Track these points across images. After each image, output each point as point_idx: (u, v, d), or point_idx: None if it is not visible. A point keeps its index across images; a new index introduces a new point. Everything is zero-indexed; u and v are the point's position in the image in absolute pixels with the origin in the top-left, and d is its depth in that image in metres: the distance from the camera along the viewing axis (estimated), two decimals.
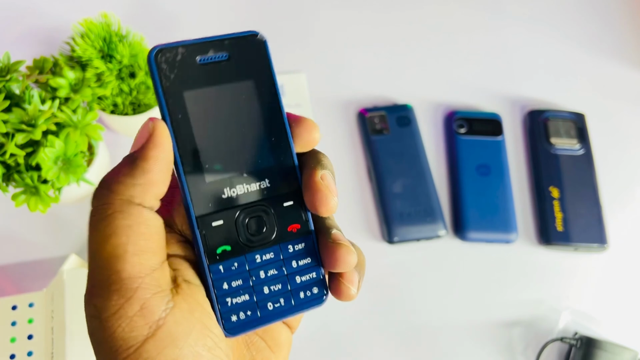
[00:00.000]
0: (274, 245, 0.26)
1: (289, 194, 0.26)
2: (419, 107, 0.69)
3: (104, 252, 0.22)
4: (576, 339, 0.55)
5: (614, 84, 0.74)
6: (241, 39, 0.26)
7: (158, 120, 0.24)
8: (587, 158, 0.66)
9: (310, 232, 0.27)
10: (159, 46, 0.24)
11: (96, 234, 0.22)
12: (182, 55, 0.25)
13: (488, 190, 0.63)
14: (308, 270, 0.26)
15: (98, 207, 0.23)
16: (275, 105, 0.26)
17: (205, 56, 0.25)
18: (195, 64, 0.25)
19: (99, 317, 0.22)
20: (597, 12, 0.80)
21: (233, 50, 0.26)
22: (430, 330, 0.58)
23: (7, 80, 0.45)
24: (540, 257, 0.62)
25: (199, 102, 0.25)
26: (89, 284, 0.22)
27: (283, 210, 0.26)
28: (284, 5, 0.76)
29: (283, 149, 0.26)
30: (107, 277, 0.22)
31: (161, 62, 0.24)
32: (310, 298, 0.26)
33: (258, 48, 0.26)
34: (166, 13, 0.74)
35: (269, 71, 0.26)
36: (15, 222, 0.59)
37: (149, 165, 0.23)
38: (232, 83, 0.26)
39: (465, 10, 0.78)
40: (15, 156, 0.46)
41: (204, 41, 0.25)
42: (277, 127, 0.26)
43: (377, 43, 0.74)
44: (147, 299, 0.22)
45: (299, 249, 0.26)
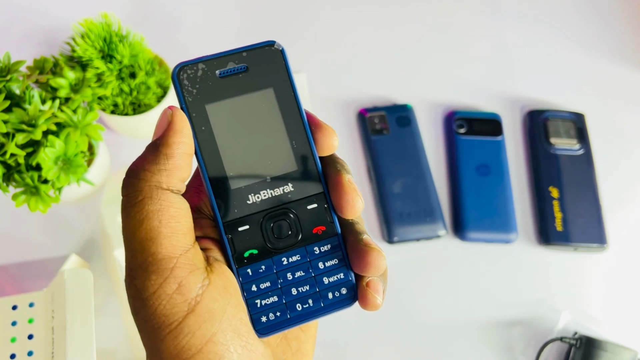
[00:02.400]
0: (299, 247, 0.27)
1: (313, 197, 0.27)
2: (418, 107, 0.69)
3: (138, 236, 0.23)
4: (576, 338, 0.55)
5: (613, 84, 0.74)
6: (259, 49, 0.27)
7: (176, 109, 0.25)
8: (586, 158, 0.66)
9: (336, 234, 0.27)
10: (181, 64, 0.26)
11: (129, 220, 0.23)
12: (202, 70, 0.26)
13: (488, 190, 0.63)
14: (335, 272, 0.27)
15: (128, 195, 0.24)
16: (295, 111, 0.27)
17: (224, 69, 0.26)
18: (216, 78, 0.26)
19: (141, 297, 0.23)
20: (597, 12, 0.80)
21: (251, 61, 0.27)
22: (430, 330, 0.58)
23: (8, 80, 0.45)
24: (540, 257, 0.62)
25: (222, 114, 0.26)
26: (127, 268, 0.24)
27: (307, 213, 0.27)
28: (284, 6, 0.76)
29: (305, 154, 0.27)
30: (144, 259, 0.23)
31: (183, 79, 0.25)
32: (338, 299, 0.27)
33: (275, 57, 0.27)
34: (166, 13, 0.74)
35: (288, 79, 0.27)
36: (15, 222, 0.59)
37: (171, 150, 0.24)
38: (252, 93, 0.26)
39: (465, 10, 0.78)
40: (15, 156, 0.46)
41: (222, 55, 0.26)
42: (298, 132, 0.27)
43: (377, 43, 0.75)
44: (183, 277, 0.23)
45: (325, 251, 0.27)
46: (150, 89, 0.58)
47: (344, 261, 0.27)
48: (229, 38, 0.73)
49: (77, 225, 0.59)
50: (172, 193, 0.24)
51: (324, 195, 0.27)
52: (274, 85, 0.27)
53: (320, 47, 0.73)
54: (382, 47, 0.74)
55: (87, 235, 0.59)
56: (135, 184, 0.24)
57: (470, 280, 0.61)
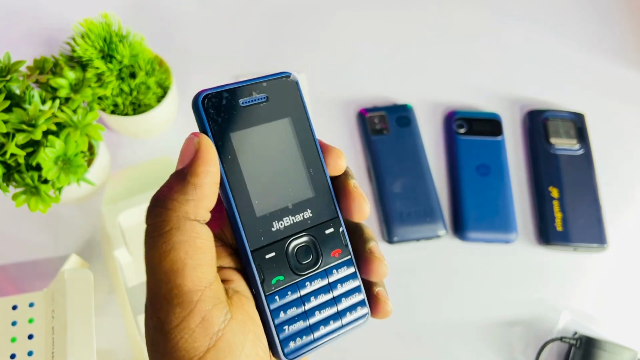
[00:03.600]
0: (321, 271, 0.28)
1: (329, 221, 0.28)
2: (418, 107, 0.69)
3: (164, 267, 0.23)
4: (576, 338, 0.55)
5: (613, 84, 0.74)
6: (276, 80, 0.28)
7: (202, 136, 0.25)
8: (586, 158, 0.66)
9: (350, 257, 0.29)
10: (204, 92, 0.26)
11: (155, 250, 0.23)
12: (226, 99, 0.26)
13: (488, 190, 0.63)
14: (352, 292, 0.28)
15: (155, 224, 0.24)
16: (310, 139, 0.28)
17: (247, 99, 0.27)
18: (239, 107, 0.26)
19: (162, 330, 0.22)
20: (596, 12, 0.80)
21: (270, 91, 0.27)
22: (429, 329, 0.58)
23: (8, 81, 0.45)
24: (539, 257, 0.62)
25: (245, 142, 0.26)
26: (150, 298, 0.23)
27: (325, 238, 0.28)
28: (284, 6, 0.76)
29: (320, 180, 0.28)
30: (169, 290, 0.23)
31: (208, 107, 0.26)
32: (356, 317, 0.28)
33: (291, 88, 0.28)
34: (166, 13, 0.74)
35: (302, 108, 0.28)
36: (15, 222, 0.59)
37: (199, 180, 0.24)
38: (271, 122, 0.27)
39: (465, 10, 0.78)
40: (15, 156, 0.46)
41: (245, 85, 0.27)
42: (313, 159, 0.28)
43: (377, 43, 0.75)
44: (207, 310, 0.23)
45: (342, 273, 0.28)
46: (150, 89, 0.58)
47: (358, 281, 0.29)
48: (228, 38, 0.73)
49: (77, 225, 0.59)
50: (198, 224, 0.24)
51: (339, 219, 0.28)
52: (291, 115, 0.28)
53: (320, 47, 0.73)
54: (382, 47, 0.74)
55: (87, 235, 0.59)
56: (162, 214, 0.23)
57: (470, 280, 0.61)
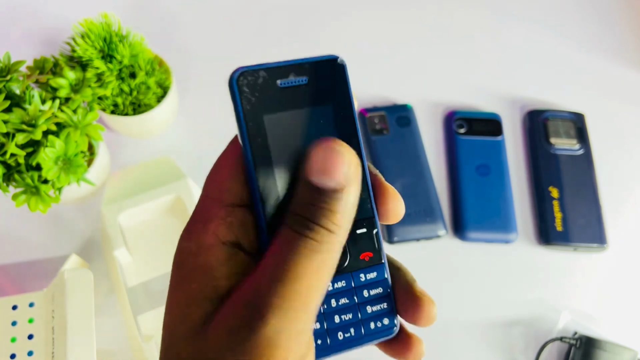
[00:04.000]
0: (346, 273, 0.26)
1: (362, 221, 0.26)
2: (418, 107, 0.69)
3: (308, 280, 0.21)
4: (576, 338, 0.55)
5: (613, 84, 0.74)
6: (321, 62, 0.26)
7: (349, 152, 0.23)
8: (586, 158, 0.66)
9: (382, 262, 0.26)
10: (241, 69, 0.24)
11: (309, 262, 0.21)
12: (263, 78, 0.24)
13: (488, 190, 0.63)
14: (379, 301, 0.26)
15: (321, 242, 0.22)
16: (352, 131, 0.26)
17: (285, 80, 0.25)
18: (276, 87, 0.25)
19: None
20: (596, 12, 0.80)
21: (313, 74, 0.25)
22: (429, 330, 0.58)
23: (8, 81, 0.45)
24: (539, 257, 0.62)
25: (278, 126, 0.25)
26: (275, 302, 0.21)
27: (356, 237, 0.26)
28: (283, 5, 0.76)
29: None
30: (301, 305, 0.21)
31: (243, 85, 0.24)
32: (380, 329, 0.26)
33: (337, 72, 0.26)
34: (166, 13, 0.74)
35: (348, 96, 0.26)
36: (15, 222, 0.59)
37: (355, 208, 0.23)
38: (310, 107, 0.25)
39: (465, 10, 0.78)
40: (15, 156, 0.46)
41: (285, 65, 0.25)
42: (353, 150, 0.26)
43: (377, 43, 0.75)
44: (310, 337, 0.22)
45: (370, 279, 0.26)
46: (150, 89, 0.58)
47: (387, 291, 0.26)
48: (228, 38, 0.73)
49: (77, 225, 0.59)
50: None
51: (374, 220, 0.26)
52: (333, 102, 0.26)
53: (320, 46, 0.73)
54: (382, 47, 0.74)
55: (87, 235, 0.59)
56: (329, 237, 0.22)
57: (470, 280, 0.61)
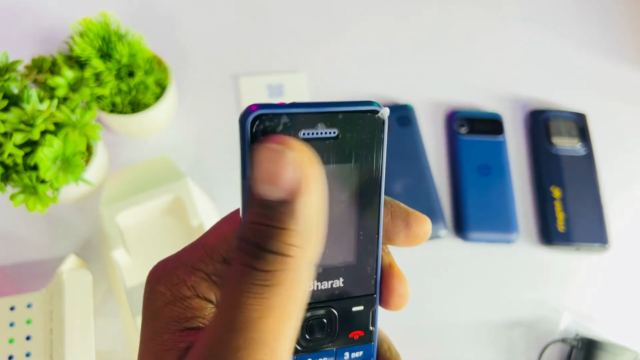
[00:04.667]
0: (329, 350, 0.23)
1: (361, 298, 0.24)
2: (419, 106, 0.68)
3: (265, 325, 0.18)
4: (577, 339, 0.55)
5: (615, 83, 0.74)
6: (358, 114, 0.21)
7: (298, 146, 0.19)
8: (588, 158, 0.66)
9: (371, 341, 0.24)
10: (257, 109, 0.19)
11: (260, 301, 0.18)
12: (284, 126, 0.20)
13: (489, 190, 0.63)
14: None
15: (268, 272, 0.19)
16: (375, 197, 0.23)
17: (311, 130, 0.21)
18: (297, 138, 0.20)
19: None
20: (598, 12, 0.79)
21: (344, 126, 0.21)
22: (430, 330, 0.58)
23: (6, 80, 0.45)
24: (541, 258, 0.62)
25: None
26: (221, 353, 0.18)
27: (350, 315, 0.23)
28: (283, 5, 0.76)
29: (369, 248, 0.23)
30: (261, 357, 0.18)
31: (258, 132, 0.19)
32: None
33: (374, 127, 0.22)
34: (165, 12, 0.74)
35: (380, 158, 0.23)
36: (13, 222, 0.59)
37: (318, 219, 0.19)
38: (334, 165, 0.21)
39: (466, 10, 0.78)
40: (13, 156, 0.45)
41: (313, 112, 0.20)
42: (370, 221, 0.23)
43: (378, 43, 0.74)
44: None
45: (355, 357, 0.24)
46: (149, 88, 0.58)
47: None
48: (228, 37, 0.73)
49: (76, 225, 0.59)
50: (312, 269, 0.20)
51: (374, 298, 0.24)
52: (362, 163, 0.22)
53: (320, 46, 0.73)
54: (382, 47, 0.74)
55: (85, 235, 0.59)
56: (281, 261, 0.19)
57: (471, 280, 0.61)
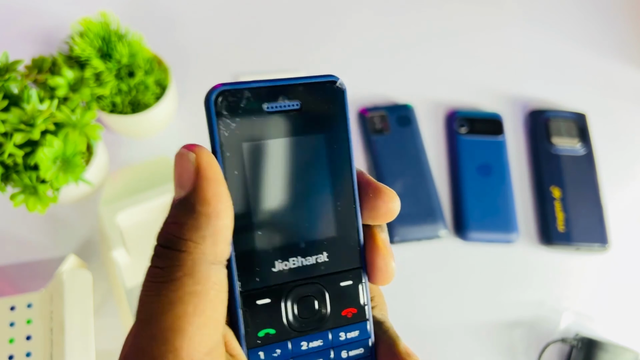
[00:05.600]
0: (323, 331, 0.23)
1: (349, 272, 0.23)
2: (419, 106, 0.68)
3: (164, 322, 0.18)
4: (577, 339, 0.55)
5: (615, 83, 0.74)
6: (317, 85, 0.22)
7: (200, 149, 0.20)
8: (588, 158, 0.66)
9: (366, 319, 0.23)
10: (220, 87, 0.21)
11: (159, 298, 0.19)
12: (247, 100, 0.21)
13: (489, 190, 0.63)
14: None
15: (164, 268, 0.19)
16: (347, 167, 0.23)
17: (274, 103, 0.21)
18: (261, 112, 0.21)
19: None
20: (598, 11, 0.79)
21: (306, 97, 0.22)
22: (430, 330, 0.58)
23: (6, 80, 0.45)
24: (541, 258, 0.62)
25: (259, 157, 0.21)
26: (134, 356, 0.19)
27: (339, 291, 0.23)
28: (283, 5, 0.76)
29: (348, 219, 0.23)
30: (163, 354, 0.18)
31: (222, 108, 0.20)
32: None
33: (335, 97, 0.23)
34: (165, 12, 0.74)
35: (345, 126, 0.23)
36: (13, 223, 0.59)
37: (212, 208, 0.19)
38: (299, 137, 0.22)
39: (466, 9, 0.78)
40: (13, 156, 0.45)
41: (274, 85, 0.21)
42: (346, 192, 0.23)
43: (378, 42, 0.74)
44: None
45: (351, 338, 0.23)
46: (149, 88, 0.58)
47: (369, 352, 0.23)
48: (228, 37, 0.73)
49: (76, 225, 0.59)
50: (217, 267, 0.19)
51: (361, 271, 0.23)
52: (327, 133, 0.22)
53: (320, 46, 0.73)
54: (382, 47, 0.74)
55: (85, 235, 0.59)
56: (176, 257, 0.19)
57: (471, 280, 0.61)
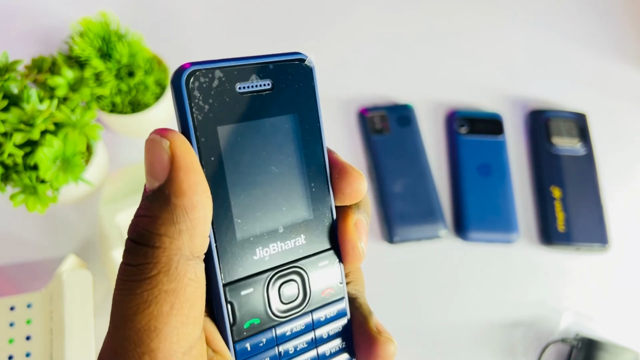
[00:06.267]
0: (305, 314, 0.23)
1: (325, 252, 0.23)
2: (419, 106, 0.68)
3: (138, 322, 0.18)
4: (577, 340, 0.55)
5: (615, 83, 0.74)
6: (286, 63, 0.22)
7: (173, 134, 0.19)
8: (588, 158, 0.66)
9: (342, 297, 0.24)
10: (191, 67, 0.20)
11: (132, 297, 0.18)
12: (219, 80, 0.20)
13: (489, 190, 0.63)
14: (338, 340, 0.24)
15: (138, 266, 0.18)
16: (318, 147, 0.23)
17: (246, 83, 0.21)
18: (234, 92, 0.20)
19: None
20: (598, 11, 0.79)
21: (277, 77, 0.22)
22: (430, 330, 0.58)
23: (5, 80, 0.45)
24: (541, 258, 0.62)
25: (235, 141, 0.20)
26: (109, 358, 0.18)
27: (318, 272, 0.23)
28: (283, 4, 0.76)
29: (323, 199, 0.23)
30: (139, 356, 0.17)
31: (194, 89, 0.19)
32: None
33: (304, 76, 0.23)
34: (165, 12, 0.74)
35: (314, 106, 0.23)
36: (13, 223, 0.59)
37: (189, 199, 0.18)
38: (273, 118, 0.21)
39: (467, 9, 0.78)
40: (13, 156, 0.45)
41: (245, 64, 0.21)
42: (318, 171, 0.23)
43: (378, 42, 0.74)
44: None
45: (331, 317, 0.23)
46: (149, 88, 0.58)
47: (347, 326, 0.24)
48: (228, 37, 0.73)
49: (76, 225, 0.59)
50: (194, 263, 0.19)
51: (336, 250, 0.23)
52: (299, 112, 0.22)
53: (321, 45, 0.73)
54: (383, 47, 0.74)
55: (85, 235, 0.58)
56: (150, 254, 0.18)
57: (471, 280, 0.61)
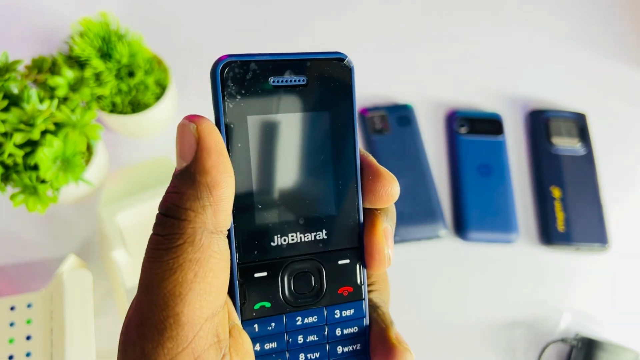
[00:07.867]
0: (319, 307, 0.23)
1: (346, 251, 0.23)
2: (419, 106, 0.68)
3: (164, 288, 0.19)
4: (577, 339, 0.55)
5: (615, 83, 0.74)
6: (325, 61, 0.22)
7: (201, 119, 0.20)
8: (588, 158, 0.66)
9: (362, 299, 0.24)
10: (227, 58, 0.21)
11: (159, 265, 0.19)
12: (253, 72, 0.21)
13: (489, 190, 0.63)
14: (352, 341, 0.23)
15: (166, 235, 0.20)
16: (350, 146, 0.23)
17: (280, 77, 0.21)
18: (267, 85, 0.21)
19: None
20: (598, 11, 0.79)
21: (313, 73, 0.22)
22: (430, 330, 0.58)
23: (6, 80, 0.45)
24: (541, 258, 0.62)
25: (264, 131, 0.21)
26: (136, 320, 0.19)
27: (337, 269, 0.23)
28: (283, 4, 0.76)
29: (350, 198, 0.23)
30: (164, 319, 0.19)
31: (228, 79, 0.21)
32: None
33: (342, 75, 0.23)
34: (165, 12, 0.74)
35: (350, 105, 0.23)
36: (13, 223, 0.59)
37: (212, 178, 0.20)
38: (305, 113, 0.22)
39: (467, 9, 0.78)
40: (13, 156, 0.45)
41: (282, 58, 0.22)
42: (348, 171, 0.23)
43: (378, 42, 0.74)
44: (202, 351, 0.19)
45: (346, 316, 0.23)
46: (149, 88, 0.58)
47: (363, 331, 0.24)
48: (228, 37, 0.73)
49: (76, 225, 0.59)
50: (218, 237, 0.20)
51: (359, 251, 0.23)
52: (333, 110, 0.23)
53: (321, 46, 0.73)
54: (383, 46, 0.74)
55: (85, 235, 0.59)
56: (177, 225, 0.19)
57: (471, 280, 0.61)
